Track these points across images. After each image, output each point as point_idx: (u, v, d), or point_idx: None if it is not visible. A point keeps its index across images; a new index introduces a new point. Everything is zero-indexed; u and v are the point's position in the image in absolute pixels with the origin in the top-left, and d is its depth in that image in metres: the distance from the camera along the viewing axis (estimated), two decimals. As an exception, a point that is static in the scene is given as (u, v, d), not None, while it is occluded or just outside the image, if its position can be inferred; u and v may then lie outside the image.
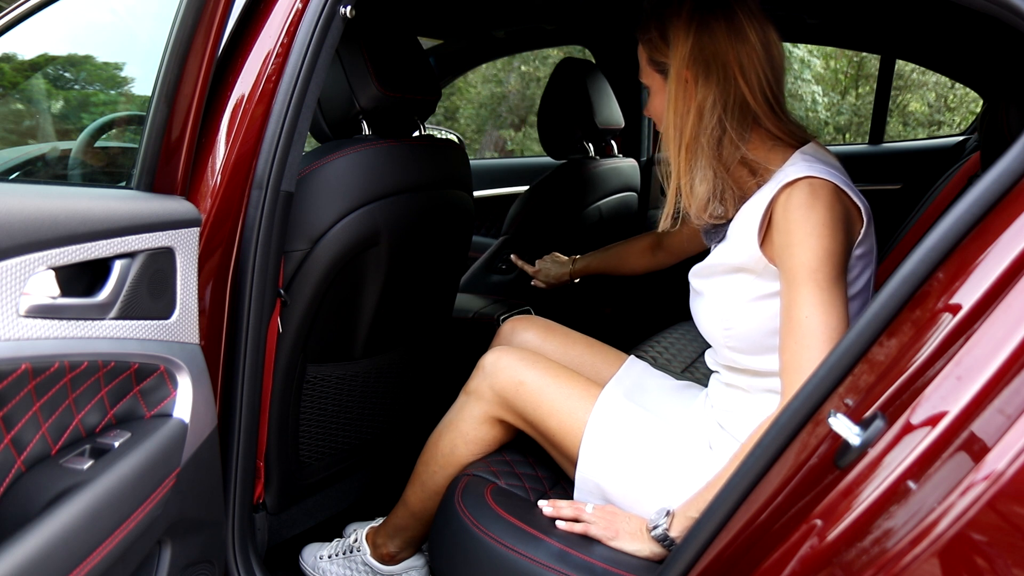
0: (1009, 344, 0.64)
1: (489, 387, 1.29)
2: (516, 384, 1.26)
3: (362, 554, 1.48)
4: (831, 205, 1.03)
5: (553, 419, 1.24)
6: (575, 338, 1.49)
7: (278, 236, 1.19)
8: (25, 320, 0.82)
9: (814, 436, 0.81)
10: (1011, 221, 0.70)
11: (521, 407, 1.26)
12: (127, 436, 0.95)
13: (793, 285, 1.02)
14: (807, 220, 1.03)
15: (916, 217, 1.84)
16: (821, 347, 0.99)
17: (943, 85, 7.15)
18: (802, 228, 1.03)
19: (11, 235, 0.80)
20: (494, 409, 1.30)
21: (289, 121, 1.15)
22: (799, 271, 1.02)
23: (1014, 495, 0.60)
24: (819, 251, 1.01)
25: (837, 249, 1.02)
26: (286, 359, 1.35)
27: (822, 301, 1.00)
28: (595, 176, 2.29)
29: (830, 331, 1.00)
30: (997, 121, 1.44)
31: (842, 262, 1.03)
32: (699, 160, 1.13)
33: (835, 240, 1.02)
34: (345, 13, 1.17)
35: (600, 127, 2.24)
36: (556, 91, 2.23)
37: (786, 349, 1.03)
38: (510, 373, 1.27)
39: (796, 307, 1.02)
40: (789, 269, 1.03)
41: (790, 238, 1.04)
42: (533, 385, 1.25)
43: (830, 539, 0.72)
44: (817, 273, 1.01)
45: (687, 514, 1.07)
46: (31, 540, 0.78)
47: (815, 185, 1.04)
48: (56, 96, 1.60)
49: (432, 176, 1.52)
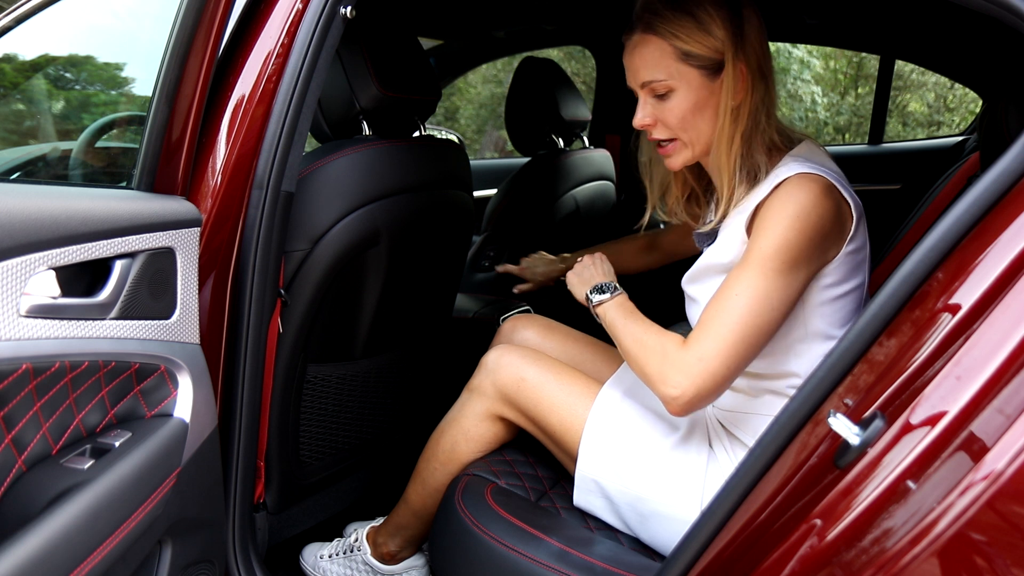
0: (1008, 344, 0.65)
1: (491, 384, 1.30)
2: (518, 380, 1.27)
3: (362, 553, 1.48)
4: (814, 199, 1.02)
5: (554, 416, 1.24)
6: (575, 336, 1.50)
7: (278, 236, 1.19)
8: (26, 320, 0.82)
9: (814, 436, 0.81)
10: (1010, 221, 0.70)
11: (523, 403, 1.27)
12: (128, 436, 0.95)
13: (743, 265, 1.03)
14: (783, 208, 1.02)
15: (915, 217, 1.84)
16: (730, 331, 1.00)
17: (943, 85, 7.15)
18: (774, 216, 1.02)
19: (12, 235, 0.80)
20: (496, 406, 1.30)
21: (289, 121, 1.15)
22: (753, 254, 1.02)
23: (1013, 495, 0.60)
24: (779, 240, 1.01)
25: (799, 243, 1.01)
26: (286, 359, 1.35)
27: (758, 288, 1.01)
28: (566, 166, 2.35)
29: (748, 319, 1.00)
30: (996, 121, 1.44)
31: (799, 257, 1.01)
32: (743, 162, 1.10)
33: (801, 234, 1.01)
34: (345, 13, 1.17)
35: (567, 120, 2.30)
36: (520, 90, 2.32)
37: (702, 321, 1.04)
38: (512, 370, 1.28)
39: (733, 283, 1.03)
40: (747, 252, 1.04)
41: (762, 223, 1.04)
42: (534, 381, 1.26)
43: (830, 539, 0.72)
44: (769, 261, 1.01)
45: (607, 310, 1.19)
46: (32, 540, 0.79)
47: (803, 178, 1.03)
48: (57, 96, 1.60)
49: (432, 176, 1.52)
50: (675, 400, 1.03)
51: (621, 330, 1.15)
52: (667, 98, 1.11)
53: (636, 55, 1.13)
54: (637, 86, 1.15)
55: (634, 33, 1.13)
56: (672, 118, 1.12)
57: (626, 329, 1.15)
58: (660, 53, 1.10)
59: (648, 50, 1.11)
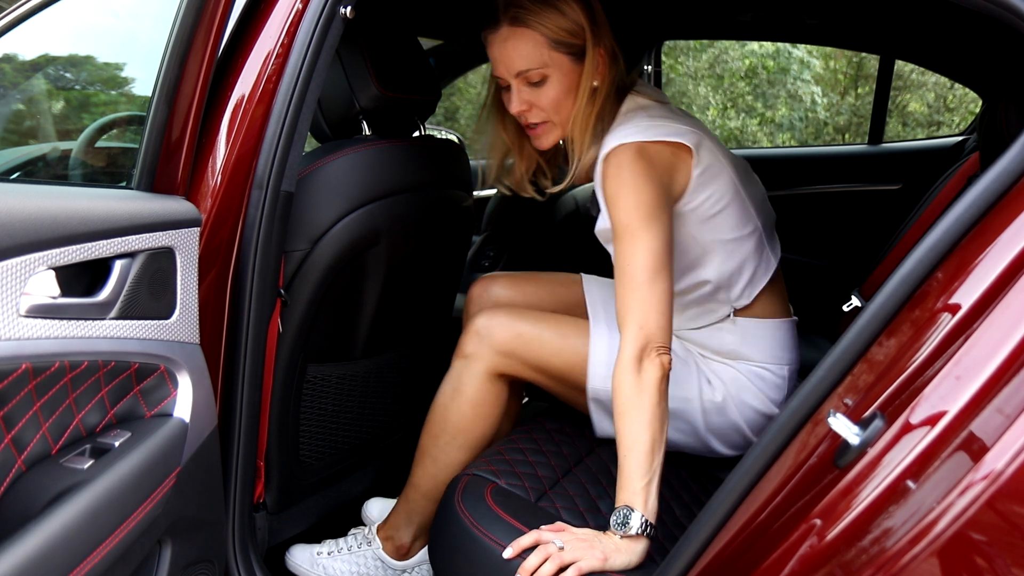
0: (1008, 344, 0.65)
1: (488, 346, 1.35)
2: (515, 336, 1.34)
3: (373, 548, 1.46)
4: (632, 165, 1.17)
5: (557, 358, 1.34)
6: (535, 277, 1.62)
7: (278, 236, 1.19)
8: (25, 320, 0.82)
9: (813, 436, 0.81)
10: (1010, 221, 0.70)
11: (524, 354, 1.34)
12: (127, 436, 0.95)
13: (617, 239, 1.17)
14: (618, 187, 1.17)
15: (915, 217, 1.83)
16: (645, 281, 1.13)
17: (942, 85, 7.15)
18: (613, 194, 1.18)
19: (12, 235, 0.80)
20: (497, 363, 1.35)
21: (289, 121, 1.15)
22: (618, 227, 1.17)
23: (1013, 494, 0.60)
24: (627, 207, 1.15)
25: (645, 199, 1.15)
26: (286, 359, 1.35)
27: (636, 244, 1.14)
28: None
29: (647, 264, 1.14)
30: (996, 121, 1.44)
31: (652, 207, 1.15)
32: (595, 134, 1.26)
33: (642, 193, 1.15)
34: (345, 13, 1.17)
35: None
36: None
37: (616, 295, 1.16)
38: (507, 328, 1.35)
39: (622, 257, 1.16)
40: (613, 227, 1.18)
41: (608, 204, 1.19)
42: (531, 333, 1.34)
43: (829, 539, 0.72)
44: (630, 226, 1.15)
45: (638, 495, 1.07)
46: (31, 540, 0.79)
47: (618, 155, 1.18)
48: (57, 96, 1.60)
49: (432, 176, 1.52)
50: (663, 365, 1.13)
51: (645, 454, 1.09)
52: (541, 84, 1.24)
53: (509, 47, 1.23)
54: (511, 76, 1.25)
55: (501, 26, 1.23)
56: (547, 102, 1.25)
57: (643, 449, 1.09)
58: (533, 43, 1.21)
59: (521, 42, 1.21)
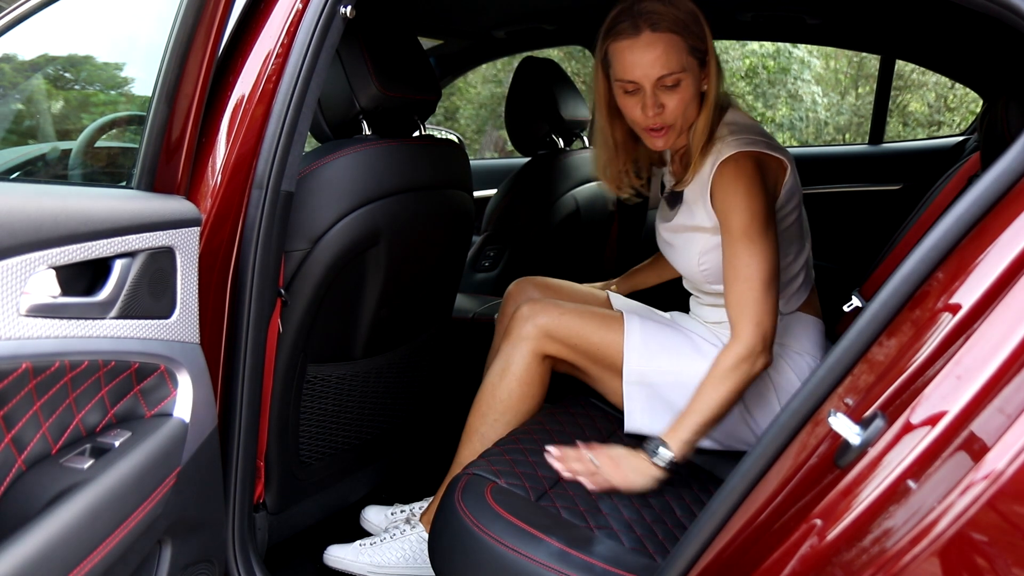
0: (1009, 344, 0.65)
1: (534, 325, 1.43)
2: (557, 316, 1.43)
3: (418, 531, 1.48)
4: (752, 174, 1.26)
5: (595, 336, 1.43)
6: (571, 289, 1.69)
7: (278, 236, 1.19)
8: (26, 319, 0.82)
9: (814, 436, 0.81)
10: (1010, 221, 0.70)
11: (564, 334, 1.43)
12: (127, 435, 0.95)
13: (732, 242, 1.26)
14: (736, 192, 1.25)
15: (916, 217, 1.83)
16: (762, 286, 1.24)
17: (943, 85, 7.15)
18: (732, 199, 1.26)
19: (12, 234, 0.80)
20: (542, 345, 1.43)
21: (289, 121, 1.15)
22: (736, 232, 1.26)
23: (1014, 494, 0.60)
24: (748, 214, 1.24)
25: (761, 208, 1.25)
26: (286, 359, 1.35)
27: (756, 251, 1.24)
28: (565, 165, 2.35)
29: (764, 273, 1.24)
30: (997, 121, 1.44)
31: (767, 216, 1.26)
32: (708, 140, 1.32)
33: (758, 200, 1.25)
34: (345, 13, 1.17)
35: (567, 120, 2.30)
36: (520, 90, 2.32)
37: (732, 292, 1.26)
38: (550, 311, 1.44)
39: (736, 258, 1.26)
40: (728, 230, 1.27)
41: (725, 206, 1.27)
42: (571, 315, 1.44)
43: (830, 538, 0.72)
44: (750, 231, 1.24)
45: (680, 437, 1.23)
46: (31, 539, 0.79)
47: (739, 161, 1.26)
48: (56, 96, 1.60)
49: (432, 176, 1.52)
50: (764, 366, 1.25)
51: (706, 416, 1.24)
52: (675, 89, 1.26)
53: (649, 52, 1.24)
54: (649, 81, 1.26)
55: (642, 32, 1.24)
56: (678, 105, 1.28)
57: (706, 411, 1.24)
58: (676, 49, 1.24)
59: (663, 47, 1.23)
